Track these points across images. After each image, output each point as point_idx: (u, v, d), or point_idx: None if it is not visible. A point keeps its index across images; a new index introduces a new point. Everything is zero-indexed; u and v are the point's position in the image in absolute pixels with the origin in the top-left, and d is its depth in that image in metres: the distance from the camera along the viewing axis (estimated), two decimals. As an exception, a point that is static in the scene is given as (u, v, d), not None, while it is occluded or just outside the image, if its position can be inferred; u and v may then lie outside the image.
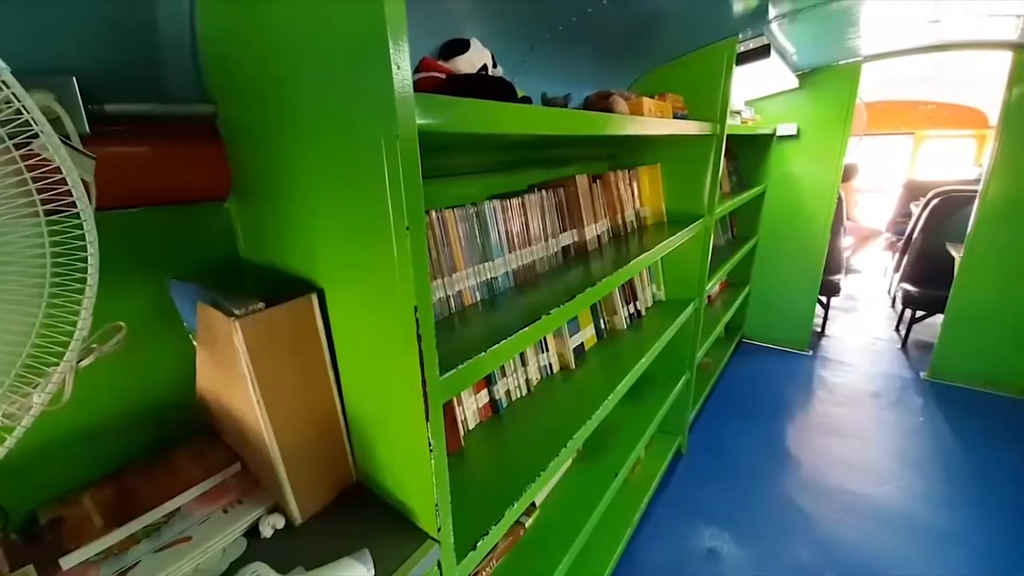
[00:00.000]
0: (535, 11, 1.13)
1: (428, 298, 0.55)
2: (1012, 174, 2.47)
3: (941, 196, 3.45)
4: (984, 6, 1.86)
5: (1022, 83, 2.35)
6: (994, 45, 2.37)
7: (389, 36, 0.45)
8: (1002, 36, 2.24)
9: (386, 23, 0.45)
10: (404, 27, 0.47)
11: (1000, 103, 2.44)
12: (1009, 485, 2.02)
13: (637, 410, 1.78)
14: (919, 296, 3.26)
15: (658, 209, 1.87)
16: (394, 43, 0.46)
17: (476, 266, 1.02)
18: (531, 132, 0.77)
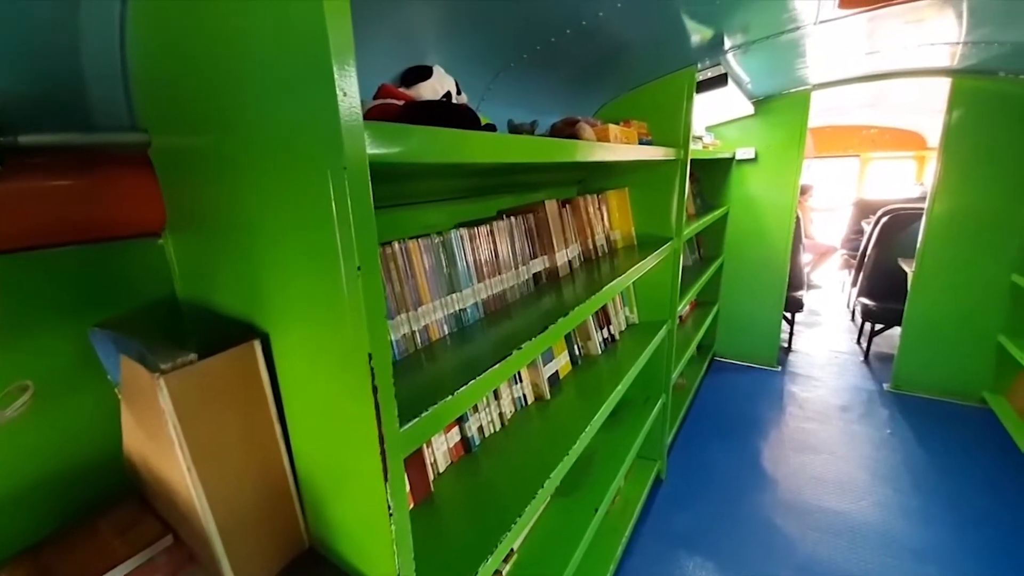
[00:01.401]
0: (500, 39, 1.12)
1: (385, 343, 0.50)
2: (955, 192, 2.63)
3: (890, 214, 3.64)
4: (918, 37, 1.99)
5: (960, 107, 2.53)
6: (932, 72, 2.54)
7: (334, 61, 0.41)
8: (938, 64, 2.41)
9: (330, 47, 0.41)
10: (351, 51, 0.43)
11: (940, 127, 2.61)
12: (976, 494, 2.07)
13: (615, 437, 1.74)
14: (877, 310, 3.39)
15: (628, 232, 1.87)
16: (340, 68, 0.42)
17: (443, 298, 0.97)
18: (496, 161, 0.74)
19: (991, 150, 2.49)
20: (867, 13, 1.60)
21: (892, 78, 2.68)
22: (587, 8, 1.10)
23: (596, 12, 1.09)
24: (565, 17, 1.11)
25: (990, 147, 2.49)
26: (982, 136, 2.50)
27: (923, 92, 3.48)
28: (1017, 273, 2.48)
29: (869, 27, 1.82)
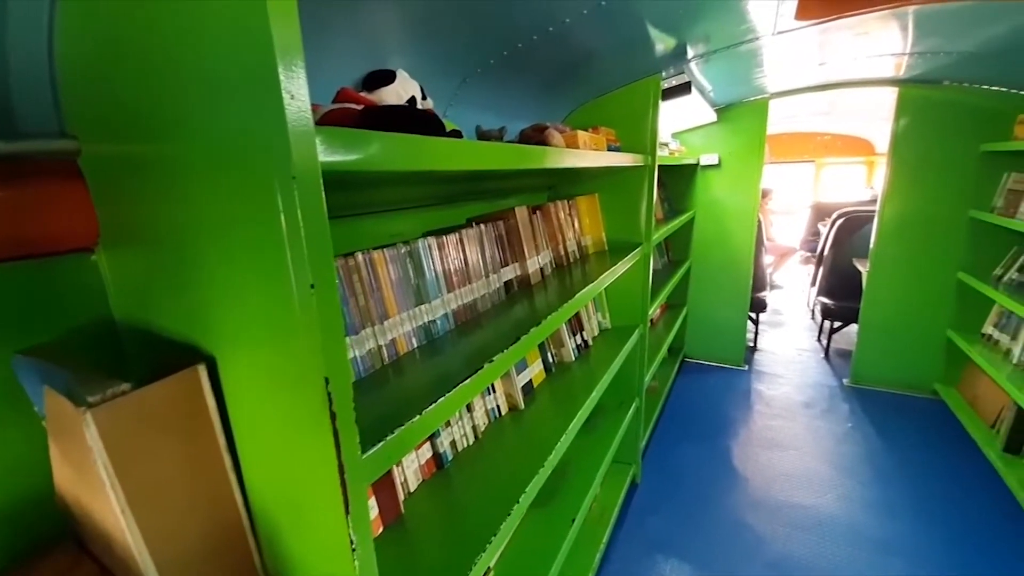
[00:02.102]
0: (467, 44, 1.10)
1: (343, 365, 0.46)
2: (903, 195, 2.77)
3: (844, 216, 3.81)
4: (867, 48, 2.09)
5: (906, 115, 2.67)
6: (880, 82, 2.67)
7: (279, 61, 0.38)
8: (886, 74, 2.54)
9: (274, 46, 0.38)
10: (298, 51, 0.39)
11: (889, 133, 2.75)
12: (933, 483, 2.17)
13: (591, 444, 1.73)
14: (835, 308, 3.53)
15: (599, 238, 1.88)
16: (286, 69, 0.38)
17: (411, 310, 0.93)
18: (462, 168, 0.71)
19: (936, 155, 2.64)
20: (819, 25, 1.66)
21: (843, 87, 2.81)
22: (554, 14, 1.09)
23: (563, 19, 1.09)
24: (533, 23, 1.10)
25: (935, 152, 2.64)
26: (928, 142, 2.64)
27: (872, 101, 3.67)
28: (962, 271, 2.63)
29: (821, 39, 1.90)
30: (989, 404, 2.42)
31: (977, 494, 2.07)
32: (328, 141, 0.45)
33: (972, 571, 1.70)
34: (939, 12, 1.53)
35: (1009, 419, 2.18)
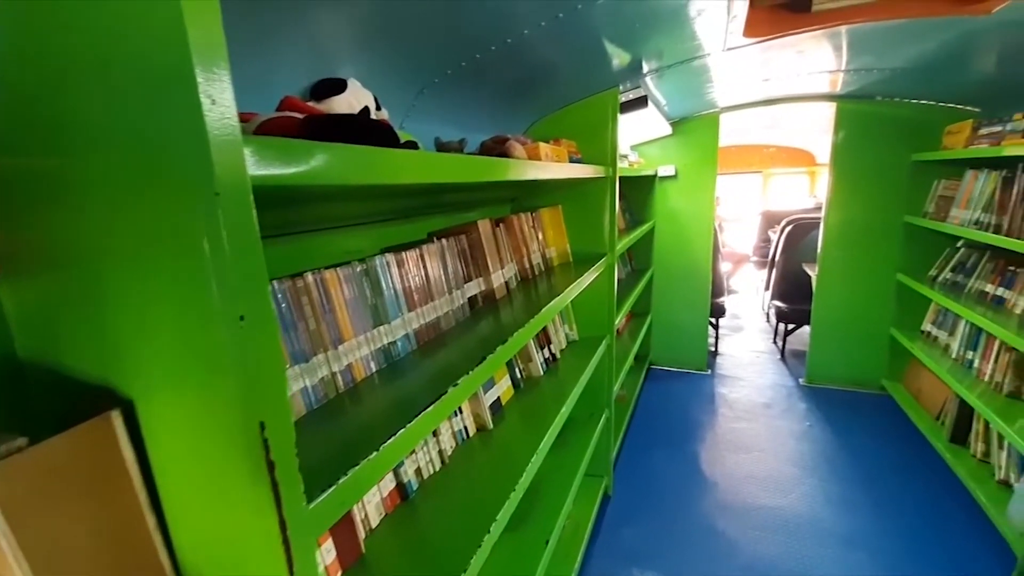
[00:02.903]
0: (423, 54, 1.07)
1: (282, 406, 0.41)
2: (845, 203, 2.93)
3: (792, 223, 4.01)
4: (807, 66, 2.21)
5: (844, 128, 2.84)
6: (818, 98, 2.84)
7: (195, 60, 0.33)
8: (824, 90, 2.69)
9: (189, 43, 0.33)
10: (221, 50, 0.34)
11: (829, 146, 2.92)
12: (887, 475, 2.26)
13: (562, 459, 1.69)
14: (788, 311, 3.69)
15: (563, 249, 1.87)
16: (205, 70, 0.33)
17: (369, 332, 0.87)
18: (418, 181, 0.67)
19: (873, 165, 2.81)
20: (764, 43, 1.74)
21: (785, 102, 2.96)
22: (513, 26, 1.07)
23: (521, 31, 1.07)
24: (491, 34, 1.08)
25: (872, 163, 2.81)
26: (864, 153, 2.82)
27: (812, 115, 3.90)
28: (901, 272, 2.80)
29: (764, 56, 1.99)
30: (933, 397, 2.56)
31: (928, 484, 2.18)
32: (261, 153, 0.40)
33: (928, 559, 1.77)
34: (872, 31, 1.63)
35: (952, 411, 2.31)
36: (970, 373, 2.21)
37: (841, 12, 1.47)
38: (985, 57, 1.82)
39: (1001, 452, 1.99)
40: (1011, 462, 1.93)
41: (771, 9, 1.53)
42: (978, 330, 2.19)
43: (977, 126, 2.18)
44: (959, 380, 2.15)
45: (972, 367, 2.22)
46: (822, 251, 3.06)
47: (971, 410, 2.16)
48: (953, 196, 2.43)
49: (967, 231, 2.20)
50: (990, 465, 2.06)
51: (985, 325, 1.98)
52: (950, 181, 2.51)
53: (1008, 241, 1.89)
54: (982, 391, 2.04)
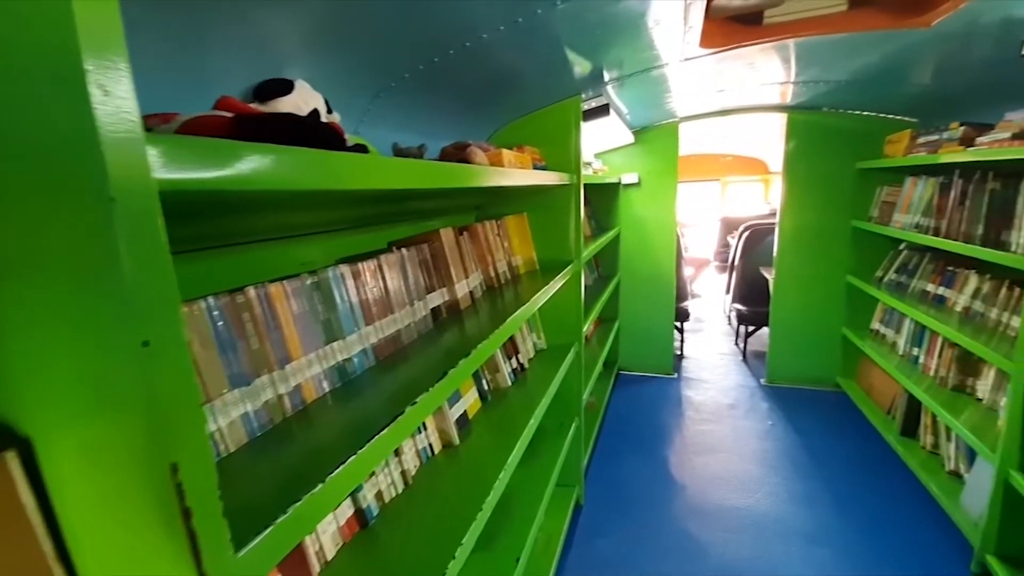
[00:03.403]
0: (378, 56, 1.02)
1: (200, 444, 0.36)
2: (797, 209, 3.06)
3: (750, 229, 4.15)
4: (758, 78, 2.29)
5: (795, 138, 2.97)
6: (769, 108, 2.96)
7: (83, 44, 0.28)
8: (775, 101, 2.81)
9: (76, 24, 0.28)
10: (116, 34, 0.30)
11: (782, 154, 3.04)
12: (845, 470, 2.34)
13: (533, 471, 1.65)
14: (748, 313, 3.80)
15: (529, 257, 1.85)
16: (95, 56, 0.29)
17: (321, 349, 0.81)
18: (369, 187, 0.63)
19: (821, 173, 2.95)
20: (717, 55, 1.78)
21: (740, 113, 3.08)
22: (471, 29, 1.05)
23: (479, 35, 1.05)
24: (449, 37, 1.05)
25: (820, 170, 2.95)
26: (813, 161, 2.95)
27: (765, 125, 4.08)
28: (850, 274, 2.94)
29: (719, 67, 2.05)
30: (883, 393, 2.68)
31: (884, 478, 2.27)
32: (173, 153, 0.35)
33: (888, 552, 1.83)
34: (819, 44, 1.70)
35: (902, 406, 2.43)
36: (916, 368, 2.32)
37: (790, 25, 1.52)
38: (923, 69, 1.94)
39: (949, 444, 2.10)
40: (959, 453, 2.03)
41: (725, 21, 1.57)
42: (922, 328, 2.31)
43: (915, 135, 2.32)
44: (906, 375, 2.26)
45: (918, 363, 2.33)
46: (777, 255, 3.17)
47: (919, 404, 2.27)
48: (895, 201, 2.57)
49: (908, 234, 2.33)
50: (940, 456, 2.17)
51: (928, 323, 2.09)
52: (892, 187, 2.65)
53: (946, 243, 2.01)
54: (928, 385, 2.15)
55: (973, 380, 2.03)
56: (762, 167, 7.22)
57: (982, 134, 1.82)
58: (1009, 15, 1.25)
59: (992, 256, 1.72)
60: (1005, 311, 1.85)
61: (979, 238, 1.86)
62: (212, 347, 0.63)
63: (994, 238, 1.79)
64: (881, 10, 1.42)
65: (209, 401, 0.62)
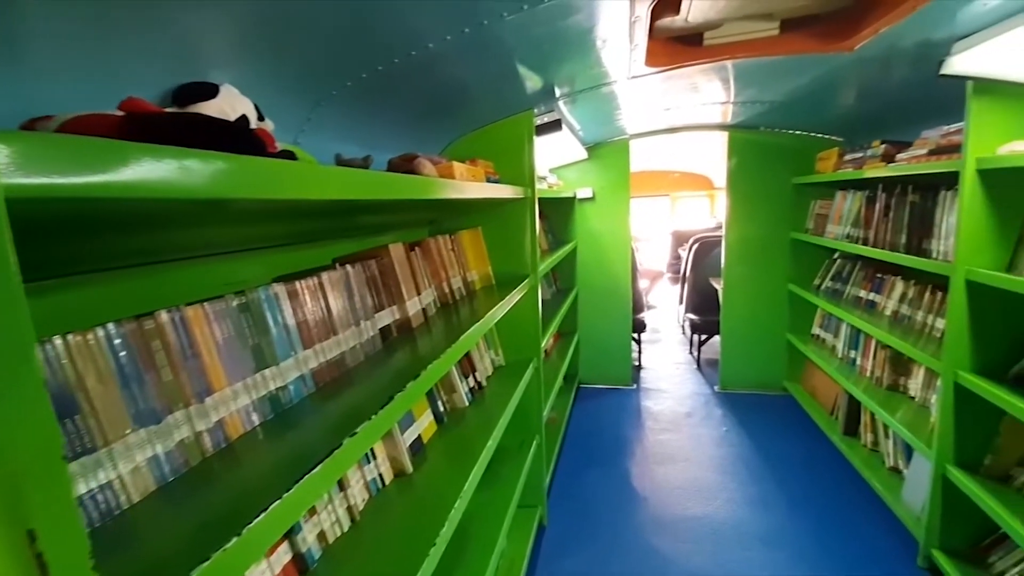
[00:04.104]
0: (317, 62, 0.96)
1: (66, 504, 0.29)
2: (741, 222, 3.21)
3: (699, 241, 4.32)
4: (701, 97, 2.40)
5: (736, 155, 3.13)
6: (712, 127, 3.11)
7: None
8: (717, 120, 2.95)
9: None
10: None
11: (725, 171, 3.19)
12: (796, 472, 2.42)
13: (493, 494, 1.59)
14: (700, 323, 3.93)
15: (485, 272, 1.81)
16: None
17: (250, 378, 0.73)
18: (294, 197, 0.58)
19: (761, 188, 3.12)
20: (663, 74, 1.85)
21: (686, 131, 3.22)
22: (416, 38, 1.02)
23: (425, 43, 1.02)
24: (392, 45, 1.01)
25: (760, 186, 3.12)
26: (754, 177, 3.12)
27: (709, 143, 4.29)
28: (791, 283, 3.09)
29: (665, 86, 2.13)
30: (826, 395, 2.82)
31: (831, 477, 2.36)
32: (31, 153, 0.28)
33: (840, 550, 1.89)
34: (755, 66, 1.79)
35: (843, 406, 2.55)
36: (854, 370, 2.46)
37: (727, 47, 1.60)
38: (848, 91, 2.09)
39: (888, 441, 2.22)
40: (898, 450, 2.15)
41: (668, 41, 1.63)
42: (857, 331, 2.46)
43: (843, 153, 2.49)
44: (846, 377, 2.38)
45: (855, 365, 2.47)
46: (725, 266, 3.31)
47: (858, 404, 2.39)
48: (828, 214, 2.75)
49: (841, 244, 2.48)
50: (880, 454, 2.28)
51: (862, 326, 2.22)
52: (824, 201, 2.84)
53: (874, 251, 2.15)
54: (865, 386, 2.27)
55: (905, 379, 2.17)
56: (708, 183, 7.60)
57: (901, 151, 1.98)
58: (925, 39, 1.36)
59: (915, 263, 1.85)
60: (930, 313, 2.00)
61: (903, 246, 2.01)
62: (111, 382, 0.55)
63: (916, 246, 1.93)
64: (809, 35, 1.52)
65: (107, 445, 0.53)
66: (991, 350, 1.56)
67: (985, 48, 1.28)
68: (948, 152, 1.69)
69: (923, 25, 1.28)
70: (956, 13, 1.21)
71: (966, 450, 1.61)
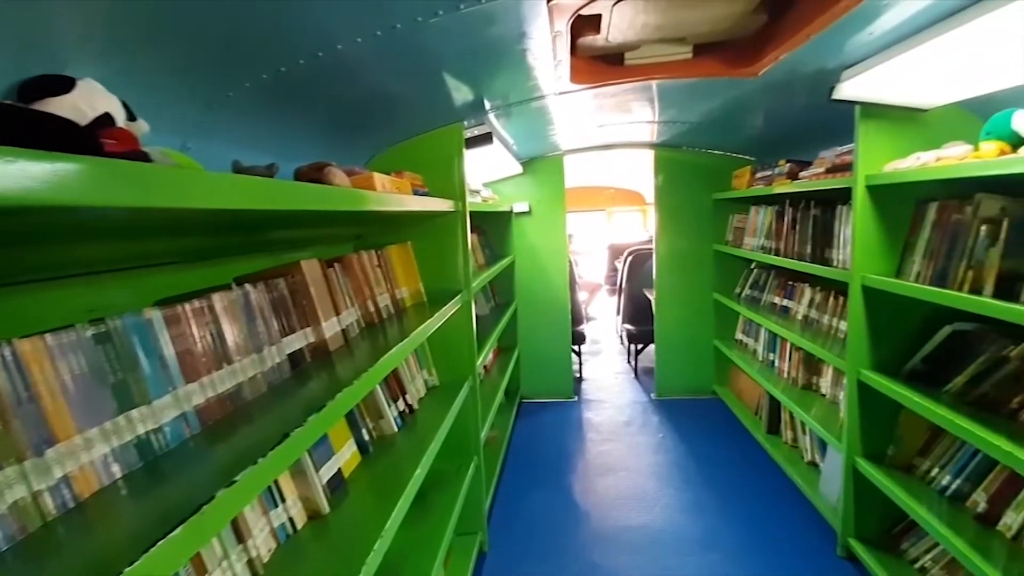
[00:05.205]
0: (203, 59, 0.86)
1: None
2: (669, 235, 3.37)
3: (633, 254, 4.49)
4: (629, 115, 2.50)
5: (662, 172, 3.29)
6: (641, 145, 3.25)
7: None
8: (645, 139, 3.09)
9: None
10: None
11: (652, 187, 3.34)
12: (726, 472, 2.52)
13: (425, 525, 1.49)
14: (637, 332, 4.05)
15: (416, 289, 1.73)
16: None
17: (110, 422, 0.62)
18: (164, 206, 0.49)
19: (686, 203, 3.30)
20: (594, 91, 1.90)
21: (617, 148, 3.34)
22: (321, 38, 0.94)
23: (333, 44, 0.95)
24: (294, 44, 0.93)
25: (685, 201, 3.30)
26: (679, 193, 3.29)
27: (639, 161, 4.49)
28: (715, 291, 3.27)
29: (595, 104, 2.19)
30: (750, 396, 2.99)
31: (759, 475, 2.47)
32: None
33: (769, 545, 1.96)
34: (674, 87, 1.88)
35: (765, 406, 2.71)
36: (773, 372, 2.62)
37: (646, 68, 1.66)
38: (756, 114, 2.25)
39: (805, 437, 2.37)
40: (814, 445, 2.30)
41: (592, 60, 1.67)
42: (774, 335, 2.63)
43: (754, 171, 2.69)
44: (766, 378, 2.53)
45: (774, 367, 2.64)
46: (656, 277, 3.44)
47: (778, 403, 2.55)
48: (744, 227, 2.94)
49: (756, 255, 2.66)
50: (799, 449, 2.43)
51: (777, 330, 2.37)
52: (741, 215, 3.04)
53: (784, 261, 2.32)
54: (783, 386, 2.43)
55: (817, 379, 2.33)
56: (640, 199, 7.98)
57: (804, 169, 2.16)
58: (820, 66, 1.49)
59: (819, 271, 2.01)
60: (834, 317, 2.17)
61: (809, 256, 2.18)
62: None
63: (820, 255, 2.10)
64: (719, 60, 1.61)
65: None
66: (888, 349, 1.70)
67: (870, 75, 1.41)
68: (842, 170, 1.86)
69: (817, 54, 1.40)
70: (844, 43, 1.33)
71: (872, 442, 1.74)
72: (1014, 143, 1.22)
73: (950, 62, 1.28)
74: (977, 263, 1.31)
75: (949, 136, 1.50)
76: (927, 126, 1.63)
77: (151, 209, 0.51)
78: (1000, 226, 1.27)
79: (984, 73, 1.33)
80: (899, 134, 1.63)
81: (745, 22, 1.38)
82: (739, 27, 1.42)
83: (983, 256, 1.30)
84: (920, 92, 1.54)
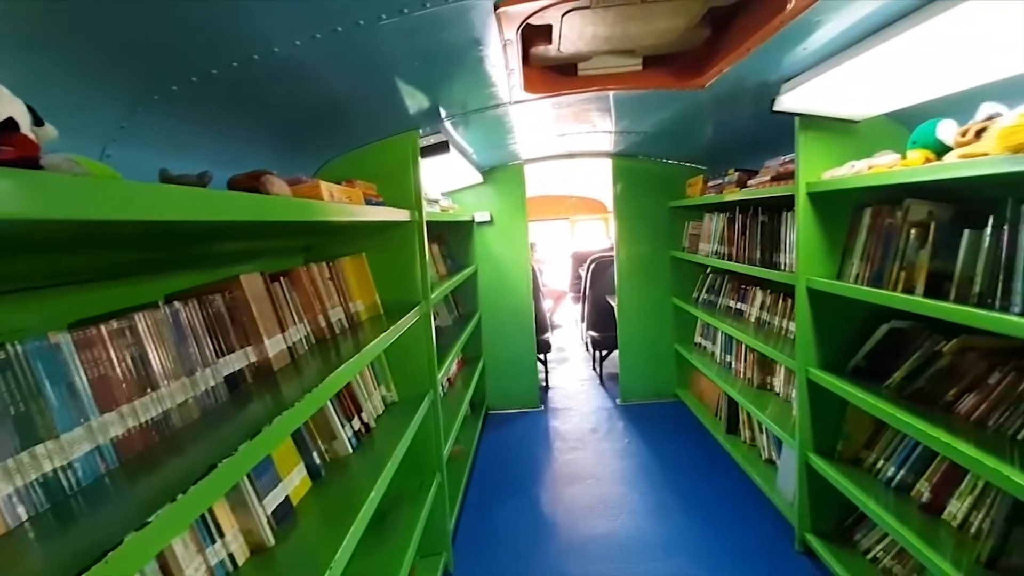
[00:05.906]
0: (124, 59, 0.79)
1: None
2: (628, 242, 3.44)
3: (595, 261, 4.55)
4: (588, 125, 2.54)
5: (620, 181, 3.36)
6: (600, 154, 3.31)
7: None
8: (603, 148, 3.15)
9: None
10: None
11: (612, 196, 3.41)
12: (689, 474, 2.56)
13: (383, 550, 1.43)
14: (601, 339, 4.09)
15: (372, 301, 1.67)
16: None
17: (12, 459, 0.54)
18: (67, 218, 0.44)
19: (644, 211, 3.38)
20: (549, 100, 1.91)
21: (577, 157, 3.39)
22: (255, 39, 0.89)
23: (270, 47, 0.90)
24: (225, 44, 0.88)
25: (643, 209, 3.37)
26: (637, 201, 3.37)
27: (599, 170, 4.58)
28: (674, 296, 3.36)
29: (553, 113, 2.21)
30: (710, 398, 3.06)
31: (720, 475, 2.53)
32: None
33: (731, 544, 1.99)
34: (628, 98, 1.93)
35: (724, 407, 2.78)
36: (730, 373, 2.70)
37: (599, 79, 1.69)
38: (706, 125, 2.34)
39: (762, 435, 2.44)
40: (770, 443, 2.37)
41: (546, 69, 1.68)
42: (730, 338, 2.71)
43: (706, 179, 2.79)
44: (724, 380, 2.60)
45: (731, 368, 2.71)
46: (618, 284, 3.50)
47: (736, 404, 2.62)
48: (699, 233, 3.04)
49: (711, 260, 2.75)
50: (757, 448, 2.50)
51: (733, 333, 2.45)
52: (696, 222, 3.14)
53: (736, 266, 2.40)
54: (740, 387, 2.50)
55: (771, 378, 2.42)
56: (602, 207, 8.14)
57: (751, 177, 2.25)
58: (762, 79, 1.56)
59: (768, 275, 2.08)
60: (784, 318, 2.26)
61: (758, 260, 2.26)
62: None
63: (769, 260, 2.19)
64: (668, 72, 1.66)
65: None
66: (833, 348, 1.78)
67: (806, 88, 1.49)
68: (786, 178, 1.95)
69: (758, 67, 1.47)
70: (783, 58, 1.40)
71: (822, 438, 1.81)
72: (938, 151, 1.31)
73: (878, 76, 1.36)
74: (909, 264, 1.40)
75: (879, 146, 1.60)
76: (860, 136, 1.73)
77: (45, 221, 0.45)
78: (928, 229, 1.35)
79: (909, 86, 1.43)
80: (835, 144, 1.73)
81: (689, 35, 1.43)
82: (684, 40, 1.47)
83: (914, 257, 1.38)
84: (852, 104, 1.64)
